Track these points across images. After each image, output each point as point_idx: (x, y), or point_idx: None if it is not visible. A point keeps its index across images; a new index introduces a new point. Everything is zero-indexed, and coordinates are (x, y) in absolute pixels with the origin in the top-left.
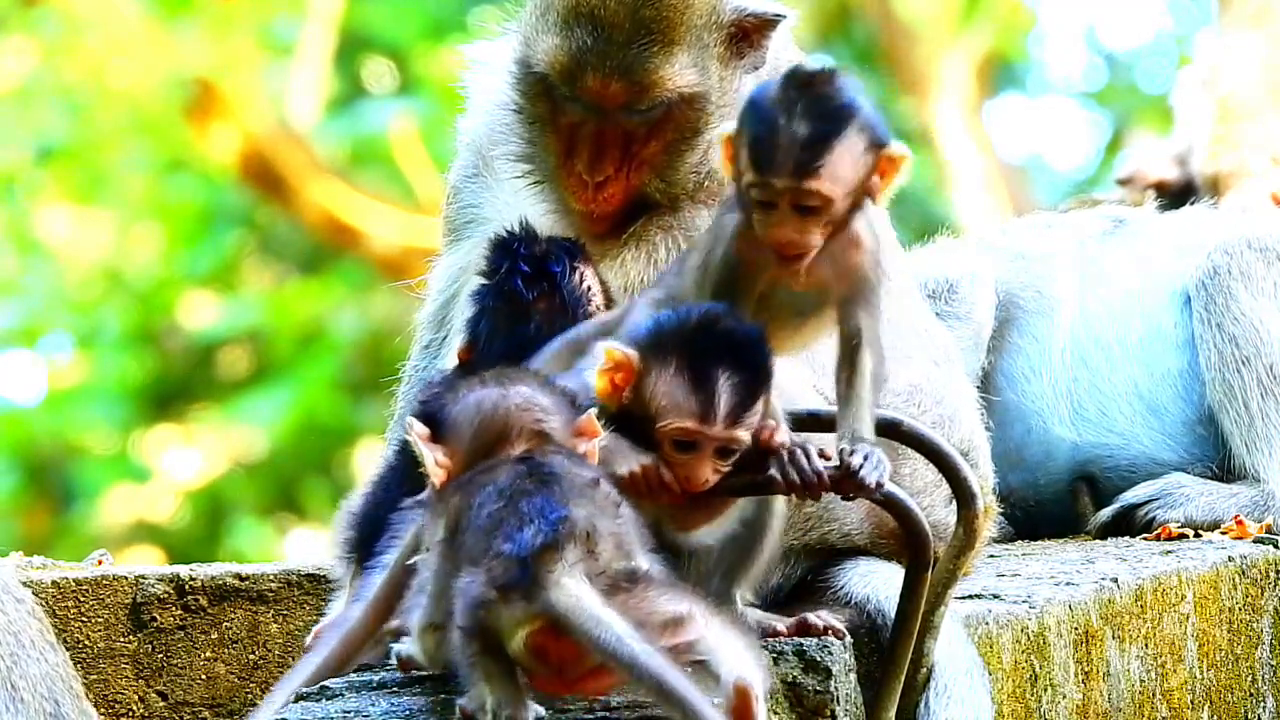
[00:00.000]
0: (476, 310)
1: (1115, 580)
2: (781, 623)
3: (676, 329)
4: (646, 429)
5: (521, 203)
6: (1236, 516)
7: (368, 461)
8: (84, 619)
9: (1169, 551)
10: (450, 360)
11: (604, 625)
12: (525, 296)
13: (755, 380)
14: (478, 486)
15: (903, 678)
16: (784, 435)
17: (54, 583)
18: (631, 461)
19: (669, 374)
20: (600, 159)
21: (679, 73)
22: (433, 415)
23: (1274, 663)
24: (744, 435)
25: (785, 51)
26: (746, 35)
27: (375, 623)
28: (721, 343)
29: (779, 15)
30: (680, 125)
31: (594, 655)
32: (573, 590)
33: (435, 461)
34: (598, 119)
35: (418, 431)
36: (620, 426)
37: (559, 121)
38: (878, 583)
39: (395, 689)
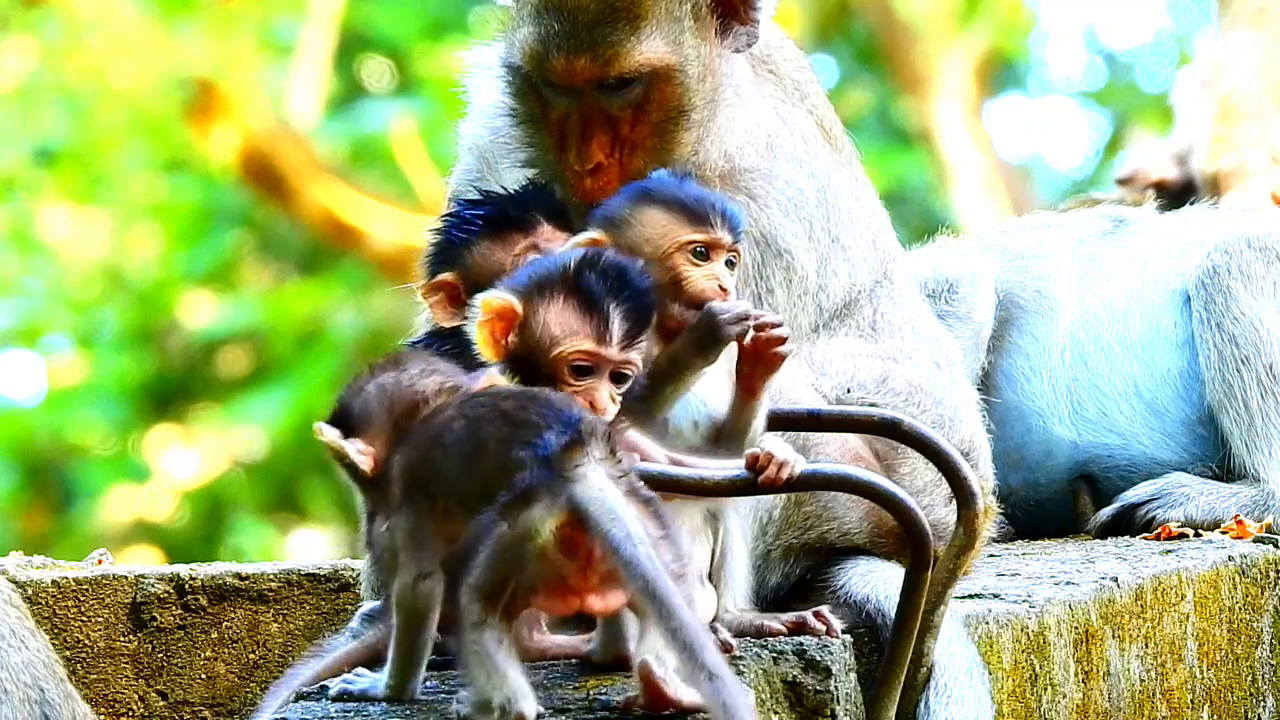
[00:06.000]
0: None
1: (1115, 580)
2: (778, 622)
3: (558, 268)
4: (539, 365)
5: None
6: (1236, 516)
7: None
8: (84, 619)
9: (1169, 551)
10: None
11: (619, 521)
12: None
13: (643, 305)
14: (428, 436)
15: (903, 677)
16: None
17: (54, 582)
18: None
19: (558, 305)
20: (588, 146)
21: (645, 45)
22: (339, 416)
23: (1274, 662)
24: (637, 359)
25: (782, 50)
26: (734, 10)
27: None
28: (607, 273)
29: None
30: (663, 104)
31: (606, 551)
32: (596, 483)
33: (358, 451)
34: (579, 105)
35: (328, 435)
36: (511, 373)
37: (549, 118)
38: (878, 582)
39: None
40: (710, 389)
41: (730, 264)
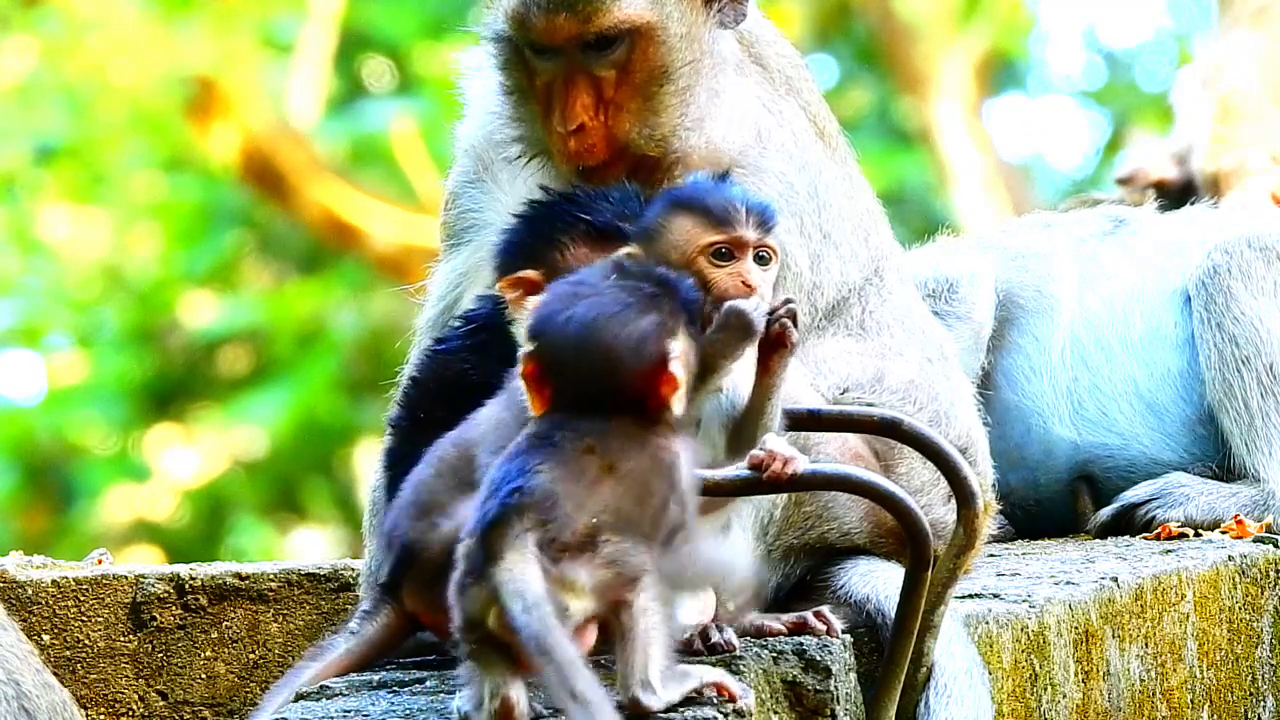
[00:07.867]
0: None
1: (1115, 580)
2: (778, 622)
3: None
4: None
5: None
6: (1236, 516)
7: (368, 461)
8: (84, 619)
9: (1169, 551)
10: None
11: (529, 607)
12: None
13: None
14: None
15: (903, 677)
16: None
17: (54, 582)
18: None
19: None
20: (571, 106)
21: (625, 1)
22: None
23: (1274, 662)
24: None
25: (774, 45)
26: None
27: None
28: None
29: None
30: (646, 64)
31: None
32: (510, 565)
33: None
34: (563, 67)
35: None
36: None
37: (535, 85)
38: (878, 582)
39: (395, 688)
40: (738, 382)
41: (762, 259)
